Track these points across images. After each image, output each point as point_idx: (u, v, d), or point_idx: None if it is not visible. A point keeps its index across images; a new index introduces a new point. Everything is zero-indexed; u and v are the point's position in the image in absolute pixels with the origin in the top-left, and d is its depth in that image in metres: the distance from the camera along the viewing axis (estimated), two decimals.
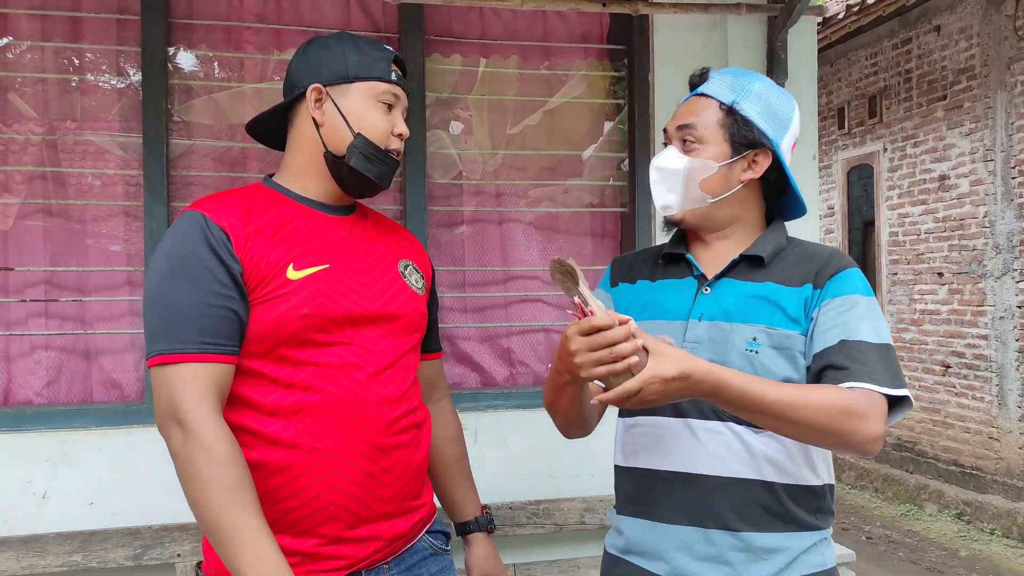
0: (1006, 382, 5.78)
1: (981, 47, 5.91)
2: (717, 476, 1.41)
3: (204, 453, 1.31)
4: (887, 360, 1.34)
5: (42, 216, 2.48)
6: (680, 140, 1.49)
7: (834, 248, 1.52)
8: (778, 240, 1.50)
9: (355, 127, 1.51)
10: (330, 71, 1.52)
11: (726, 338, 1.42)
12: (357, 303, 1.49)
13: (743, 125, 1.47)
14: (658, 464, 1.48)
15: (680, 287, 1.52)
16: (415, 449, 1.57)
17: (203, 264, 1.38)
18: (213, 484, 1.30)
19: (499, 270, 2.84)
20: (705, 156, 1.46)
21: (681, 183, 1.47)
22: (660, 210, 1.51)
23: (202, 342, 1.35)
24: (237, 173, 2.61)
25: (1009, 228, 5.74)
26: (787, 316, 1.41)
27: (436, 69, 2.77)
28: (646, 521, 1.49)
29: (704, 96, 1.50)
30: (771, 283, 1.45)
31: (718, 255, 1.51)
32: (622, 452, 1.57)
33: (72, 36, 2.51)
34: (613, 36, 2.92)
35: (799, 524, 1.42)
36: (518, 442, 2.62)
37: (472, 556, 1.83)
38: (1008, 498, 5.70)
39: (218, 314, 1.37)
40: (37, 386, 2.45)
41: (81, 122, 2.53)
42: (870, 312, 1.39)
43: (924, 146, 6.50)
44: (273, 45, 2.64)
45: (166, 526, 2.29)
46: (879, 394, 1.30)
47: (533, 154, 2.89)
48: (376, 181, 1.54)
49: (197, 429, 1.31)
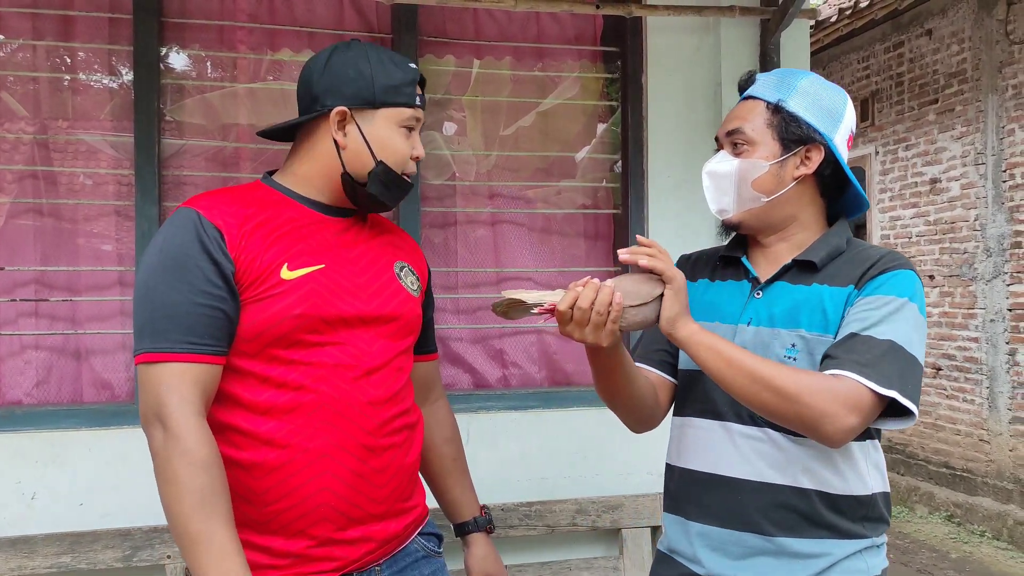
0: (996, 385, 5.80)
1: (973, 51, 5.93)
2: (749, 480, 1.42)
3: (183, 456, 1.29)
4: (891, 359, 1.27)
5: (32, 215, 2.47)
6: (730, 144, 1.49)
7: (891, 250, 1.46)
8: (836, 243, 1.47)
9: (378, 154, 1.50)
10: (356, 95, 1.49)
11: (768, 344, 1.42)
12: (351, 304, 1.48)
13: (790, 122, 1.45)
14: (697, 465, 1.50)
15: (735, 290, 1.53)
16: (407, 450, 1.56)
17: (194, 262, 1.36)
18: (188, 487, 1.29)
19: (492, 271, 2.84)
20: (755, 156, 1.46)
21: (733, 185, 1.47)
22: (716, 215, 1.52)
23: (189, 342, 1.34)
24: (229, 173, 2.60)
25: (1000, 231, 5.76)
26: (827, 319, 1.39)
27: (430, 70, 2.77)
28: (684, 520, 1.52)
29: (751, 98, 1.50)
30: (818, 285, 1.43)
31: (774, 259, 1.51)
32: (671, 451, 1.60)
33: (64, 35, 2.49)
34: (607, 38, 2.93)
35: (839, 531, 1.41)
36: (510, 444, 2.61)
37: (471, 557, 1.83)
38: (998, 500, 5.71)
39: (207, 313, 1.35)
40: (27, 386, 2.43)
41: (72, 121, 2.52)
42: (899, 314, 1.32)
43: (916, 149, 6.52)
44: (266, 45, 2.63)
45: (156, 528, 2.27)
46: (865, 388, 1.25)
47: (526, 155, 2.88)
48: (390, 205, 1.56)
49: (178, 430, 1.30)
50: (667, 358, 1.59)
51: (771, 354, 1.40)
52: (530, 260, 2.87)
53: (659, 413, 1.57)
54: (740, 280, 1.53)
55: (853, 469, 1.43)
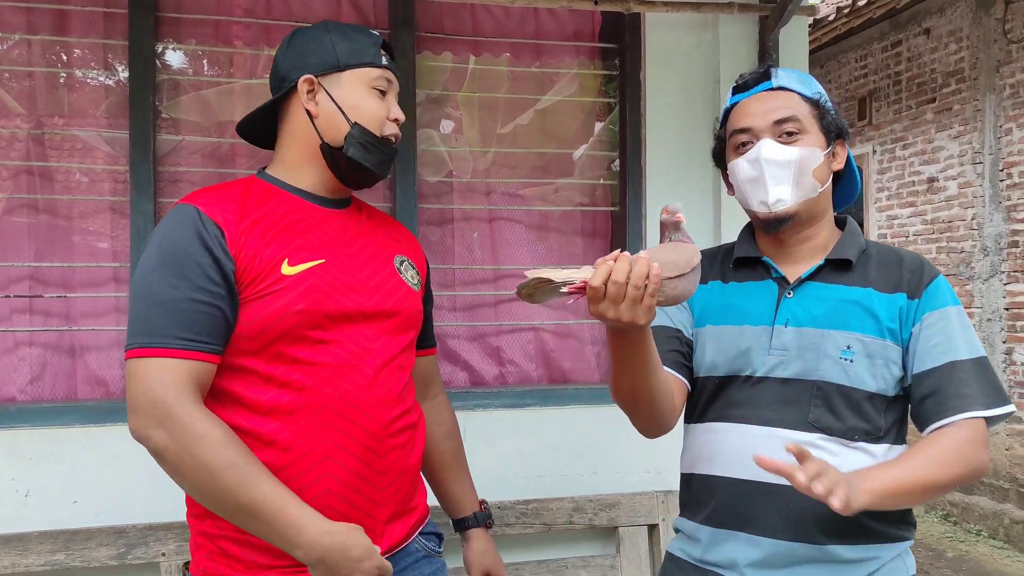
0: None
1: (970, 50, 5.93)
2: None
3: (200, 440, 1.27)
4: (987, 376, 1.37)
5: (27, 211, 2.45)
6: (778, 135, 1.43)
7: (915, 253, 1.49)
8: (859, 242, 1.48)
9: (351, 116, 1.48)
10: (320, 61, 1.49)
11: (817, 345, 1.39)
12: (353, 299, 1.46)
13: (828, 114, 1.46)
14: (740, 473, 1.43)
15: (760, 290, 1.48)
16: (410, 451, 1.55)
17: (192, 258, 1.34)
18: (221, 466, 1.27)
19: (489, 268, 2.82)
20: (810, 145, 1.43)
21: (793, 174, 1.41)
22: (771, 205, 1.42)
23: (184, 337, 1.32)
24: (225, 169, 2.58)
25: (997, 231, 5.76)
26: (881, 324, 1.39)
27: (427, 66, 2.75)
28: (722, 531, 1.46)
29: (783, 90, 1.46)
30: (860, 287, 1.42)
31: (799, 258, 1.48)
32: (694, 459, 1.53)
33: (58, 30, 2.47)
34: (605, 34, 2.91)
35: (884, 536, 1.41)
36: (507, 442, 2.60)
37: (471, 552, 1.82)
38: (995, 499, 5.72)
39: (204, 311, 1.33)
40: (21, 383, 2.41)
41: (67, 117, 2.50)
42: (963, 324, 1.40)
43: (913, 148, 6.52)
44: (262, 40, 2.62)
45: (151, 525, 2.26)
46: (982, 420, 1.34)
47: (524, 153, 2.87)
48: (375, 170, 1.51)
49: (185, 420, 1.28)
50: (681, 359, 1.53)
51: (823, 354, 1.39)
52: (528, 257, 2.86)
53: (675, 416, 1.49)
54: (763, 280, 1.49)
55: None
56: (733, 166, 1.49)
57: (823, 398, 1.39)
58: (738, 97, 1.51)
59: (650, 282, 1.13)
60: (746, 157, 1.45)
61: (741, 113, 1.48)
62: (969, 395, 1.34)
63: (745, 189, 1.46)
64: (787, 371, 1.41)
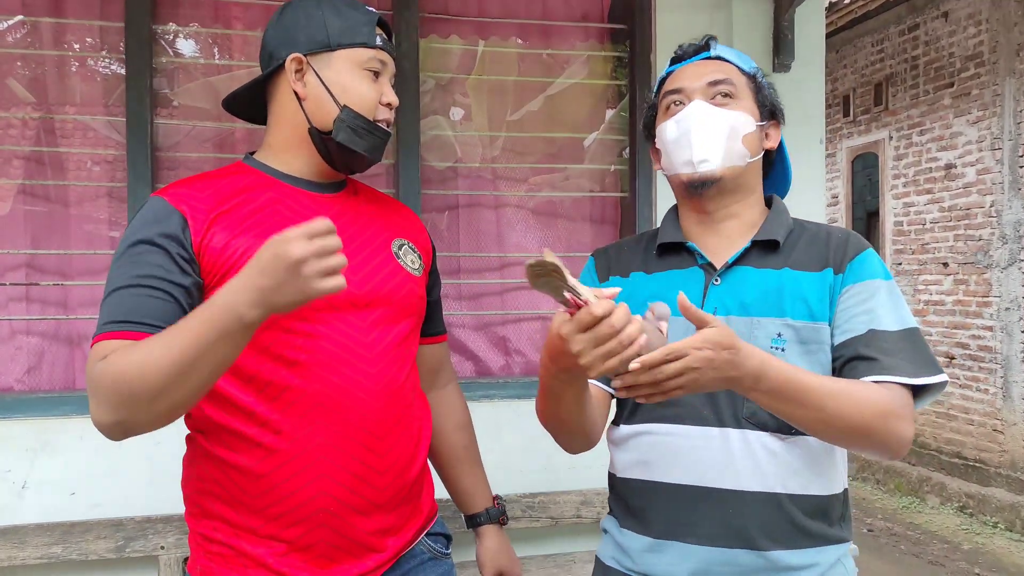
0: (1011, 374, 5.72)
1: (990, 33, 5.81)
2: (744, 491, 1.30)
3: (103, 368, 1.17)
4: (916, 346, 1.28)
5: (23, 198, 2.41)
6: (710, 96, 1.38)
7: (843, 227, 1.45)
8: (787, 222, 1.42)
9: (340, 99, 1.41)
10: (310, 39, 1.42)
11: (747, 335, 1.30)
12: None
13: (764, 91, 1.43)
14: (676, 478, 1.35)
15: (685, 278, 1.40)
16: (413, 448, 1.48)
17: (152, 248, 1.28)
18: (128, 359, 1.16)
19: (495, 256, 2.76)
20: (742, 110, 1.38)
21: (724, 137, 1.35)
22: (696, 163, 1.36)
23: (120, 321, 1.24)
24: (224, 154, 2.52)
25: (1016, 218, 5.66)
26: (810, 307, 1.32)
27: (433, 49, 2.69)
28: (655, 540, 1.37)
29: (720, 60, 1.43)
30: (789, 269, 1.35)
31: (725, 240, 1.40)
32: (628, 462, 1.44)
33: (54, 11, 2.42)
34: (615, 16, 2.84)
35: (825, 538, 1.33)
36: (513, 433, 2.55)
37: (483, 549, 1.76)
38: (1012, 491, 5.64)
39: (153, 295, 1.26)
40: (17, 372, 2.37)
41: (64, 102, 2.45)
42: (892, 297, 1.32)
43: (930, 134, 6.42)
44: (262, 22, 2.55)
45: (149, 518, 2.22)
46: (908, 389, 1.24)
47: (533, 138, 2.81)
48: (366, 155, 1.44)
49: (91, 372, 1.20)
50: None
51: (753, 344, 1.28)
52: (535, 245, 2.79)
53: (600, 433, 1.42)
54: (687, 268, 1.41)
55: (833, 467, 1.36)
56: (662, 129, 1.42)
57: None
58: (675, 66, 1.48)
59: (631, 349, 1.06)
60: (675, 118, 1.39)
61: (675, 77, 1.44)
62: (893, 361, 1.24)
63: (671, 151, 1.40)
64: None
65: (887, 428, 1.20)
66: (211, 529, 1.39)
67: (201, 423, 1.39)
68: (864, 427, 1.20)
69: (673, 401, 1.30)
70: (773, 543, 1.30)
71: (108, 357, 1.18)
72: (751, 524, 1.30)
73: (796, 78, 2.74)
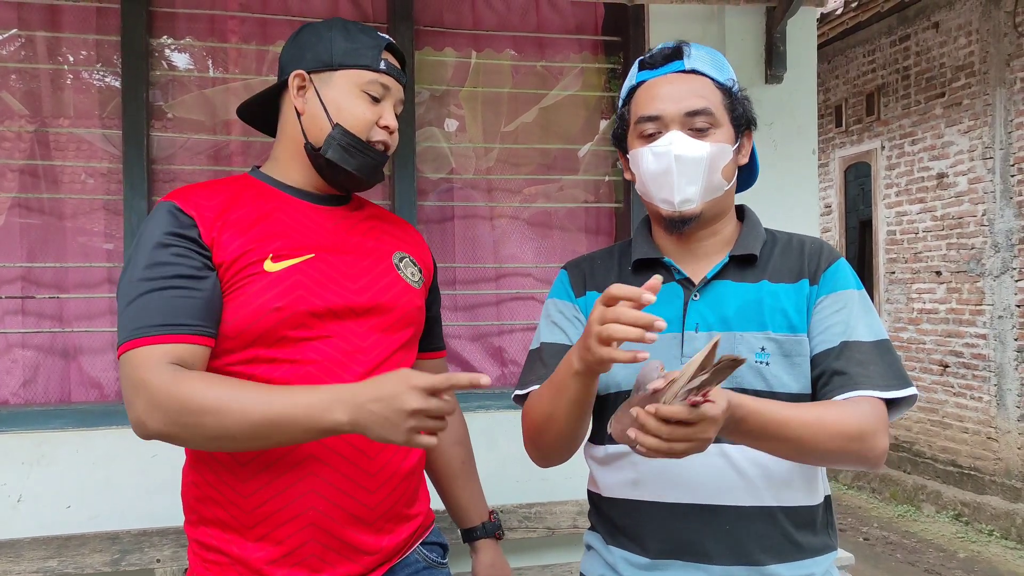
0: (1005, 382, 5.73)
1: (980, 44, 5.86)
2: (738, 506, 1.29)
3: (182, 382, 1.23)
4: (888, 358, 1.28)
5: (19, 211, 2.41)
6: (688, 127, 1.32)
7: (816, 237, 1.44)
8: (760, 233, 1.41)
9: (334, 117, 1.44)
10: (315, 58, 1.45)
11: (730, 349, 1.29)
12: (342, 295, 1.41)
13: (739, 105, 1.37)
14: (667, 496, 1.33)
15: (663, 294, 1.34)
16: (404, 453, 1.48)
17: (168, 251, 1.32)
18: (215, 407, 1.22)
19: (491, 267, 2.77)
20: (721, 140, 1.33)
21: (703, 173, 1.31)
22: (677, 204, 1.32)
23: (154, 325, 1.28)
24: (220, 167, 2.53)
25: (1008, 226, 5.69)
26: (790, 319, 1.31)
27: (428, 61, 2.70)
28: (655, 560, 1.34)
29: (696, 73, 1.35)
30: (767, 282, 1.34)
31: (702, 256, 1.39)
32: (611, 481, 1.41)
33: (51, 26, 2.43)
34: (608, 27, 2.86)
35: (814, 549, 1.33)
36: (509, 444, 2.54)
37: (479, 564, 1.77)
38: (1007, 499, 5.65)
39: (180, 295, 1.30)
40: (13, 386, 2.37)
41: (59, 114, 2.46)
42: (864, 307, 1.32)
43: (922, 144, 6.45)
44: (258, 36, 2.57)
45: (145, 531, 2.21)
46: (882, 403, 1.24)
47: (527, 149, 2.82)
48: (356, 174, 1.46)
49: (163, 388, 1.23)
50: None
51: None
52: (530, 256, 2.81)
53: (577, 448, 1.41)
54: (666, 284, 1.37)
55: (816, 476, 1.36)
56: (637, 155, 1.36)
57: None
58: (645, 75, 1.38)
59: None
60: (652, 148, 1.33)
61: (649, 96, 1.35)
62: (866, 375, 1.25)
63: (648, 183, 1.35)
64: None
65: (861, 448, 1.21)
66: (207, 535, 1.40)
67: None
68: (839, 451, 1.21)
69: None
70: (771, 557, 1.29)
71: (180, 376, 1.24)
72: (749, 539, 1.29)
73: (788, 89, 2.76)
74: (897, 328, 6.77)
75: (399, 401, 1.15)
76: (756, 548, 1.29)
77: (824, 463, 1.26)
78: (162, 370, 1.25)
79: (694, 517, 1.31)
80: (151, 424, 1.24)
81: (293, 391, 1.24)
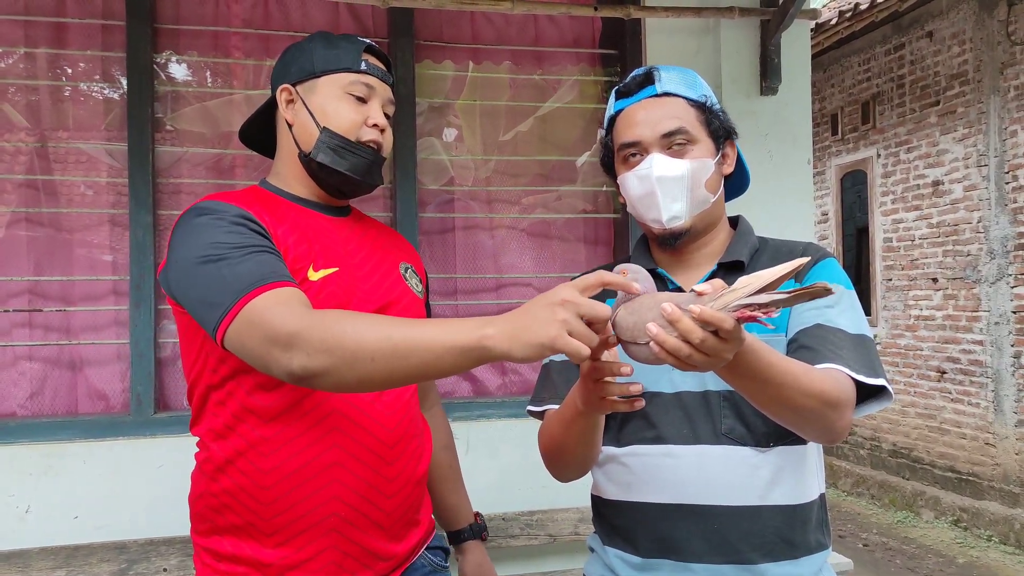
0: (1002, 388, 5.76)
1: (974, 52, 5.91)
2: (728, 505, 1.33)
3: (335, 325, 1.14)
4: (863, 349, 1.29)
5: (26, 225, 2.44)
6: (667, 147, 1.38)
7: (808, 241, 1.46)
8: (751, 241, 1.45)
9: (320, 121, 1.46)
10: (299, 70, 1.49)
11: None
12: (367, 307, 1.45)
13: (715, 118, 1.42)
14: (660, 497, 1.37)
15: None
16: (418, 459, 1.53)
17: (247, 229, 1.31)
18: (359, 326, 1.13)
19: (491, 277, 2.80)
20: (700, 155, 1.39)
21: (686, 189, 1.37)
22: (666, 223, 1.39)
23: (275, 273, 1.24)
24: (224, 180, 2.57)
25: (1003, 233, 5.73)
26: (777, 319, 1.34)
27: (427, 75, 2.74)
28: (646, 560, 1.39)
29: (668, 96, 1.41)
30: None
31: (694, 266, 1.44)
32: (611, 485, 1.45)
33: (56, 42, 2.46)
34: (605, 41, 2.90)
35: (807, 547, 1.36)
36: (511, 452, 2.58)
37: (467, 564, 1.81)
38: (1005, 504, 5.67)
39: (272, 252, 1.29)
40: (21, 398, 2.40)
41: (66, 130, 2.49)
42: (850, 304, 1.34)
43: (918, 151, 6.50)
44: (261, 51, 2.61)
45: (152, 540, 2.24)
46: (851, 381, 1.24)
47: (525, 160, 2.85)
48: (350, 175, 1.47)
49: (305, 320, 1.15)
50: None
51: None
52: (530, 266, 2.84)
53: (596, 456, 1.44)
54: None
55: (809, 474, 1.39)
56: (623, 180, 1.43)
57: (732, 407, 1.34)
58: (622, 103, 1.45)
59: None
60: (635, 173, 1.40)
61: (627, 123, 1.42)
62: (841, 354, 1.24)
63: (637, 205, 1.42)
64: (694, 384, 1.37)
65: (832, 415, 1.20)
66: (221, 544, 1.42)
67: (219, 429, 1.41)
68: (811, 412, 1.18)
69: (652, 422, 1.37)
70: (761, 556, 1.32)
71: (313, 312, 1.17)
72: (737, 538, 1.32)
73: (783, 100, 2.80)
74: (894, 335, 6.80)
75: (550, 295, 1.04)
76: (746, 547, 1.32)
77: (792, 422, 1.23)
78: (295, 306, 1.19)
79: (681, 517, 1.35)
80: (298, 366, 1.15)
81: (438, 321, 1.15)
